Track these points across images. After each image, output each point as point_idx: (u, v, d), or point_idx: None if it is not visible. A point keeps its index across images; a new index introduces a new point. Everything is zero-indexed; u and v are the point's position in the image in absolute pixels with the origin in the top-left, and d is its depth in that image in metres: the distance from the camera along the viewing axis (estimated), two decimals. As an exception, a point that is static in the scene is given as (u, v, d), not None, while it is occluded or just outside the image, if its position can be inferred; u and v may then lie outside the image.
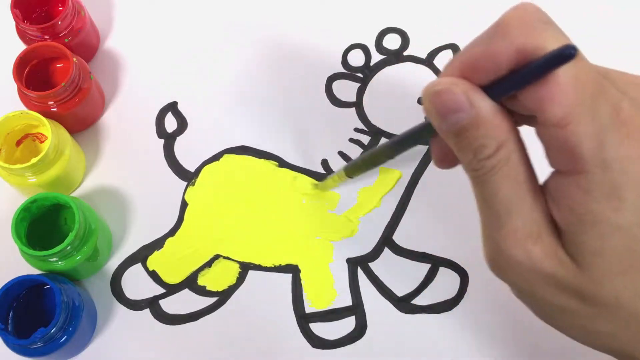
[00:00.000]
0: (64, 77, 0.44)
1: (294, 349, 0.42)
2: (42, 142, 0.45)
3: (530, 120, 0.26)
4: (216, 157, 0.47)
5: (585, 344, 0.29)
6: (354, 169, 0.40)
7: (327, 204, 0.45)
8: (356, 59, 0.49)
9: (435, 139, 0.30)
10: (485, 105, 0.25)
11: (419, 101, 0.48)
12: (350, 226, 0.44)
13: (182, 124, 0.48)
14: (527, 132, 0.28)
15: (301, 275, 0.44)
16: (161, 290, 0.43)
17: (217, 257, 0.44)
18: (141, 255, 0.44)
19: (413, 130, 0.32)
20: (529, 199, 0.26)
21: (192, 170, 0.46)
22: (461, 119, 0.25)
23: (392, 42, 0.50)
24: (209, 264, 0.44)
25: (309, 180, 0.46)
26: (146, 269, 0.44)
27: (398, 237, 0.44)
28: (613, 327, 0.27)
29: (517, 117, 0.27)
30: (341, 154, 0.46)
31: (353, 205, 0.45)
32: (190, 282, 0.44)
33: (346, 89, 0.48)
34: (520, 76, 0.24)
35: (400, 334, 0.42)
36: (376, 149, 0.37)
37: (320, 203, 0.45)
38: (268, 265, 0.44)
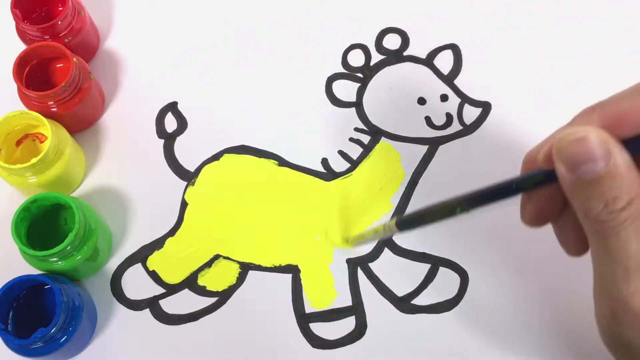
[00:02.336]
0: (64, 77, 0.44)
1: (294, 349, 0.42)
2: (42, 142, 0.45)
3: None
4: (216, 157, 0.47)
5: None
6: (411, 219, 0.34)
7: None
8: (356, 59, 0.49)
9: (530, 195, 0.30)
10: (623, 158, 0.25)
11: (419, 101, 0.48)
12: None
13: (182, 124, 0.48)
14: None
15: (301, 275, 0.44)
16: (161, 290, 0.43)
17: (217, 257, 0.44)
18: (141, 255, 0.44)
19: (510, 181, 0.29)
20: None
21: (192, 170, 0.46)
22: (598, 168, 0.25)
23: (392, 42, 0.50)
24: (209, 264, 0.44)
25: (339, 233, 0.43)
26: (146, 269, 0.44)
27: (398, 237, 0.44)
28: None
29: None
30: (341, 153, 0.46)
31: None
32: (190, 282, 0.44)
33: (346, 89, 0.48)
34: None
35: (400, 334, 0.42)
36: (447, 200, 0.31)
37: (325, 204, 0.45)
38: (268, 265, 0.44)
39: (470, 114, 0.47)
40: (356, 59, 0.49)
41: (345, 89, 0.48)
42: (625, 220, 0.26)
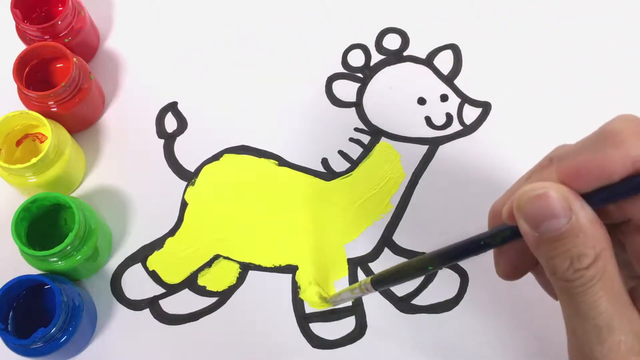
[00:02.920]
0: (64, 77, 0.44)
1: (294, 349, 0.42)
2: (42, 142, 0.45)
3: (616, 228, 0.26)
4: (216, 157, 0.47)
5: None
6: (384, 278, 0.34)
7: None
8: (356, 59, 0.49)
9: (502, 250, 0.29)
10: (585, 213, 0.24)
11: (419, 101, 0.48)
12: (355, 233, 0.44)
13: (182, 124, 0.48)
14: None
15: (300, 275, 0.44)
16: (161, 290, 0.43)
17: (217, 257, 0.44)
18: (141, 255, 0.44)
19: (478, 238, 0.28)
20: (627, 311, 0.25)
21: (192, 170, 0.46)
22: (560, 225, 0.24)
23: (392, 42, 0.50)
24: (209, 264, 0.44)
25: (316, 292, 0.43)
26: (146, 269, 0.44)
27: (398, 237, 0.44)
28: None
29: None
30: (341, 153, 0.46)
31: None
32: (190, 282, 0.44)
33: (346, 89, 0.48)
34: (631, 185, 0.24)
35: (400, 334, 0.42)
36: (419, 258, 0.31)
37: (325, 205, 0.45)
38: (268, 265, 0.44)
39: (470, 114, 0.47)
40: (356, 59, 0.49)
41: (345, 89, 0.48)
42: (593, 278, 0.25)
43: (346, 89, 0.48)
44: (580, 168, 0.25)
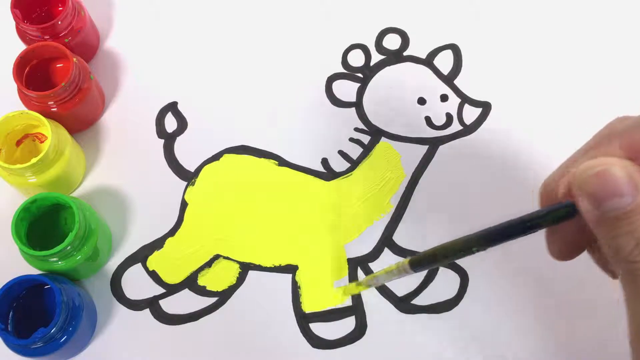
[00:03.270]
0: (64, 77, 0.44)
1: (294, 349, 0.42)
2: (42, 142, 0.45)
3: None
4: (216, 157, 0.47)
5: None
6: (424, 260, 0.33)
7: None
8: (356, 59, 0.49)
9: (555, 229, 0.28)
10: None
11: (419, 101, 0.48)
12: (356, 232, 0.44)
13: (182, 124, 0.48)
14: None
15: (300, 274, 0.44)
16: (161, 290, 0.43)
17: (217, 257, 0.44)
18: (141, 255, 0.44)
19: (530, 217, 0.27)
20: None
21: (192, 170, 0.46)
22: (624, 203, 0.23)
23: (392, 42, 0.50)
24: (209, 264, 0.44)
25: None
26: (146, 269, 0.44)
27: (398, 237, 0.44)
28: None
29: None
30: (341, 153, 0.46)
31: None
32: (190, 282, 0.44)
33: (346, 89, 0.48)
34: None
35: (400, 334, 0.42)
36: (463, 238, 0.30)
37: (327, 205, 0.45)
38: (268, 265, 0.44)
39: (470, 114, 0.47)
40: (356, 59, 0.49)
41: (345, 89, 0.48)
42: None
43: (346, 89, 0.48)
44: None
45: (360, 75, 0.49)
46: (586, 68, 0.48)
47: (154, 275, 0.44)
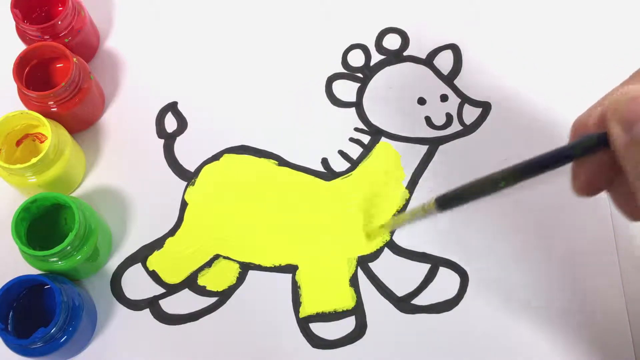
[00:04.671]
0: (64, 77, 0.44)
1: (294, 349, 0.42)
2: (42, 142, 0.45)
3: None
4: (216, 157, 0.47)
5: None
6: (451, 198, 0.32)
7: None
8: (356, 59, 0.49)
9: (581, 163, 0.28)
10: None
11: (419, 101, 0.48)
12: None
13: (182, 124, 0.48)
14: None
15: (300, 274, 0.44)
16: (161, 290, 0.43)
17: (217, 257, 0.44)
18: (141, 255, 0.44)
19: (559, 149, 0.27)
20: None
21: (192, 170, 0.46)
22: None
23: (392, 42, 0.50)
24: (209, 264, 0.44)
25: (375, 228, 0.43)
26: (146, 269, 0.44)
27: (398, 237, 0.44)
28: None
29: None
30: (341, 153, 0.46)
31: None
32: (190, 282, 0.44)
33: (346, 89, 0.48)
34: None
35: (400, 334, 0.42)
36: (490, 174, 0.29)
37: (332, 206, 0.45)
38: (268, 265, 0.44)
39: (470, 114, 0.47)
40: (356, 59, 0.49)
41: (345, 89, 0.48)
42: None
43: (346, 89, 0.48)
44: None
45: (360, 75, 0.49)
46: (586, 68, 0.48)
47: (154, 275, 0.44)
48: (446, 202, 0.32)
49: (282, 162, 0.46)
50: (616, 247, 0.43)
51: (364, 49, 0.49)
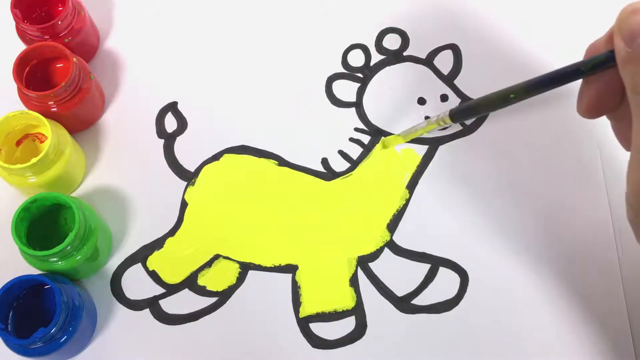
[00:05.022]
0: (64, 77, 0.44)
1: (294, 349, 0.42)
2: (42, 142, 0.45)
3: None
4: (216, 157, 0.47)
5: None
6: (464, 110, 0.35)
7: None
8: (356, 59, 0.49)
9: (588, 84, 0.29)
10: None
11: (419, 101, 0.48)
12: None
13: (182, 124, 0.48)
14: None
15: (300, 274, 0.44)
16: (161, 290, 0.43)
17: (217, 257, 0.44)
18: (141, 255, 0.44)
19: (569, 65, 0.28)
20: None
21: (192, 170, 0.46)
22: None
23: (392, 42, 0.50)
24: (209, 264, 0.44)
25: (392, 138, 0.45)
26: (146, 269, 0.44)
27: (398, 237, 0.44)
28: None
29: None
30: (341, 153, 0.46)
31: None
32: (190, 282, 0.44)
33: (346, 89, 0.48)
34: None
35: (400, 334, 0.42)
36: (502, 89, 0.32)
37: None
38: (268, 265, 0.44)
39: (470, 114, 0.47)
40: (356, 59, 0.49)
41: (345, 89, 0.48)
42: None
43: (346, 89, 0.48)
44: None
45: (360, 75, 0.49)
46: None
47: (154, 275, 0.44)
48: (459, 113, 0.35)
49: (282, 162, 0.46)
50: (616, 247, 0.43)
51: (364, 49, 0.49)
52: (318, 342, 0.42)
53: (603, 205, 0.44)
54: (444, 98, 0.48)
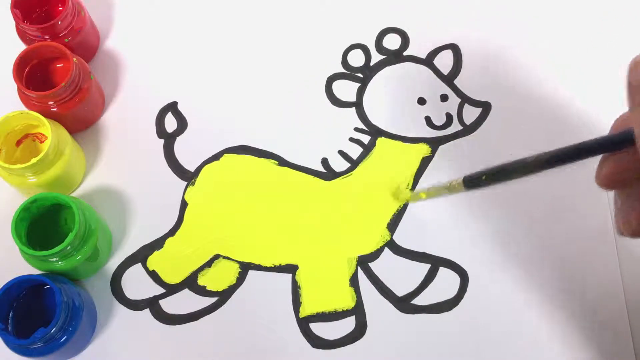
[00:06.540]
0: (64, 77, 0.44)
1: (294, 349, 0.42)
2: (42, 142, 0.45)
3: None
4: (216, 157, 0.47)
5: None
6: (479, 180, 0.33)
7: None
8: (356, 59, 0.49)
9: (610, 156, 0.28)
10: None
11: (419, 101, 0.48)
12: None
13: (182, 124, 0.48)
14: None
15: (300, 274, 0.44)
16: (161, 290, 0.43)
17: (217, 257, 0.44)
18: (141, 255, 0.44)
19: (589, 142, 0.27)
20: None
21: (192, 170, 0.46)
22: None
23: (392, 42, 0.50)
24: (209, 264, 0.44)
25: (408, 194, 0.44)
26: (146, 269, 0.44)
27: (398, 237, 0.44)
28: None
29: None
30: (341, 153, 0.46)
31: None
32: (190, 282, 0.44)
33: (346, 89, 0.48)
34: None
35: (400, 334, 0.42)
36: (521, 160, 0.30)
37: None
38: (268, 265, 0.44)
39: (470, 114, 0.47)
40: (356, 59, 0.49)
41: (345, 89, 0.48)
42: None
43: (346, 89, 0.48)
44: None
45: (360, 75, 0.49)
46: (586, 68, 0.48)
47: (154, 275, 0.44)
48: (473, 182, 0.33)
49: (282, 162, 0.46)
50: (616, 246, 0.43)
51: (364, 49, 0.49)
52: (318, 342, 0.42)
53: (603, 205, 0.44)
54: (444, 98, 0.48)
